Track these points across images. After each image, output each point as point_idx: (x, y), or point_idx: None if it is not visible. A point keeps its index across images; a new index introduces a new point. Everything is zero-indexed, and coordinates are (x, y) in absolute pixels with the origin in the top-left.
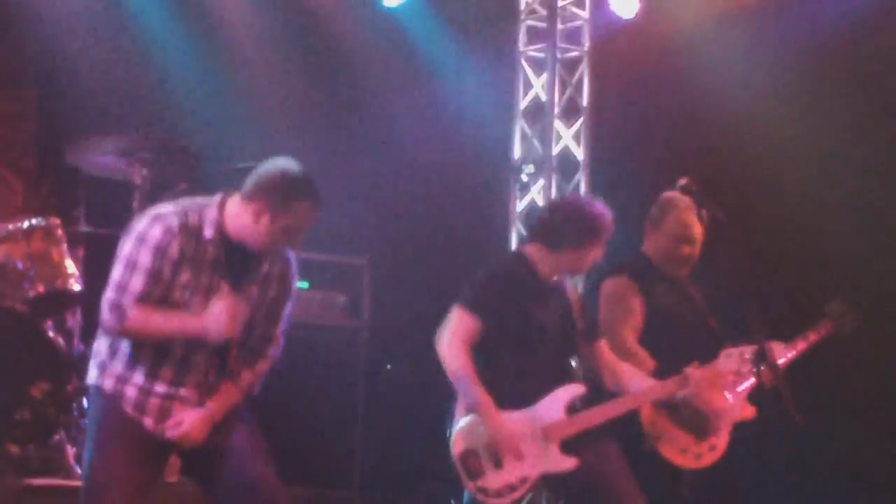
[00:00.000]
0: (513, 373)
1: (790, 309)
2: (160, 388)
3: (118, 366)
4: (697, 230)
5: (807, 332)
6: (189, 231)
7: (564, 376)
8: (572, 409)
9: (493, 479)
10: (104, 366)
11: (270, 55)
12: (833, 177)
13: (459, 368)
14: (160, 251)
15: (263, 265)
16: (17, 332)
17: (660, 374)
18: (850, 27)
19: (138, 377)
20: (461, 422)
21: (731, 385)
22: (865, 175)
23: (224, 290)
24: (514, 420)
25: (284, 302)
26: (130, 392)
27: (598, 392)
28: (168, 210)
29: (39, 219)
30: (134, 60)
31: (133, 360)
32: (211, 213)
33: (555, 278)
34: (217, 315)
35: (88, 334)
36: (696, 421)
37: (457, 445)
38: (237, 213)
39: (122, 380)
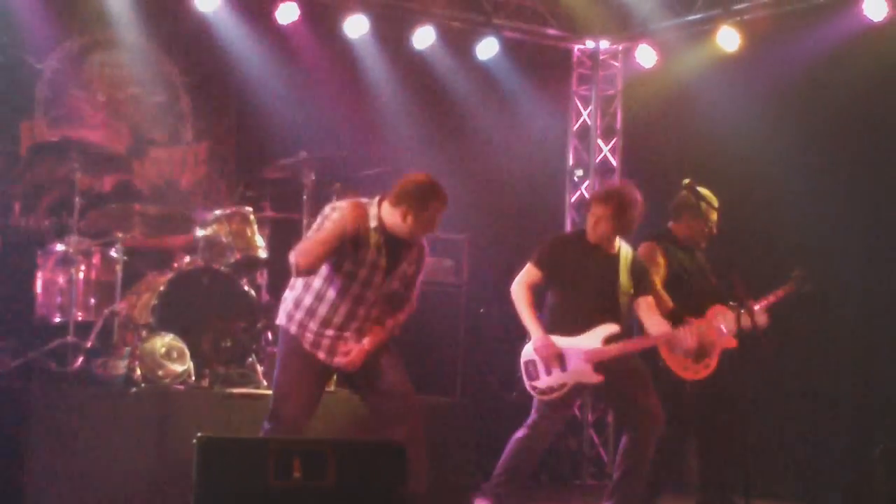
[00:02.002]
0: (566, 311)
1: (761, 274)
2: (330, 332)
3: (301, 315)
4: (716, 218)
5: (776, 290)
6: (358, 218)
7: (606, 317)
8: (608, 340)
9: (542, 381)
10: (291, 315)
11: (398, 92)
12: (797, 180)
13: (520, 303)
14: (340, 228)
15: (412, 249)
16: (222, 286)
17: (675, 313)
18: (811, 70)
19: (314, 325)
20: (529, 344)
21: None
22: (821, 181)
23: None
24: (561, 342)
25: (418, 274)
26: (308, 335)
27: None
28: (345, 202)
29: (238, 207)
30: (303, 97)
31: (310, 314)
32: (373, 210)
33: (607, 246)
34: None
35: (272, 288)
36: (696, 353)
37: (524, 356)
38: (390, 213)
39: (302, 326)
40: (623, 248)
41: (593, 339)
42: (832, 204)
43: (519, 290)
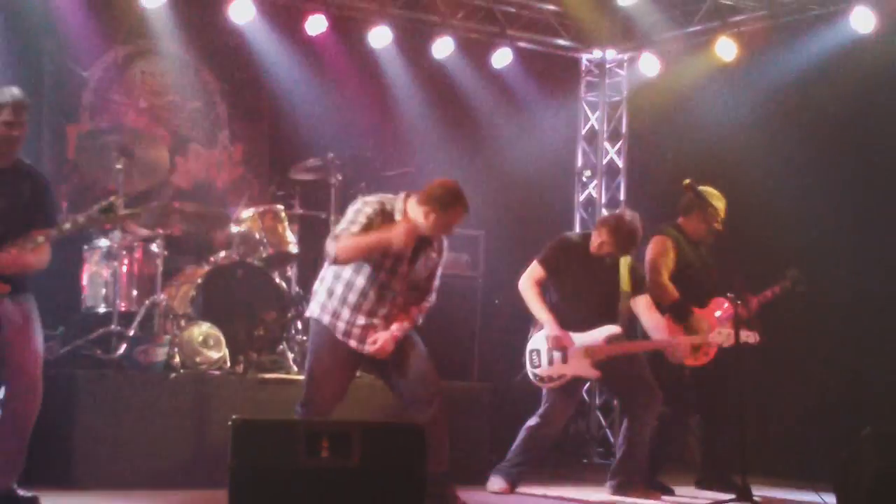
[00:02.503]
0: (570, 310)
1: (754, 268)
2: (360, 320)
3: (333, 304)
4: (723, 215)
5: (773, 286)
6: (385, 213)
7: (607, 318)
8: (610, 340)
9: (543, 370)
10: (324, 305)
11: (419, 99)
12: (789, 181)
13: (530, 298)
14: (369, 219)
15: (433, 242)
16: (256, 278)
17: (680, 303)
18: (803, 78)
19: (346, 313)
20: (535, 331)
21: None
22: (812, 182)
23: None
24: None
25: (438, 267)
26: (340, 325)
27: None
28: (374, 198)
29: (270, 205)
30: (330, 103)
31: (342, 302)
32: (399, 205)
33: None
34: (399, 231)
35: (302, 281)
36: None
37: (530, 345)
38: (415, 210)
39: (335, 315)
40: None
41: (596, 337)
42: (823, 204)
43: (527, 285)
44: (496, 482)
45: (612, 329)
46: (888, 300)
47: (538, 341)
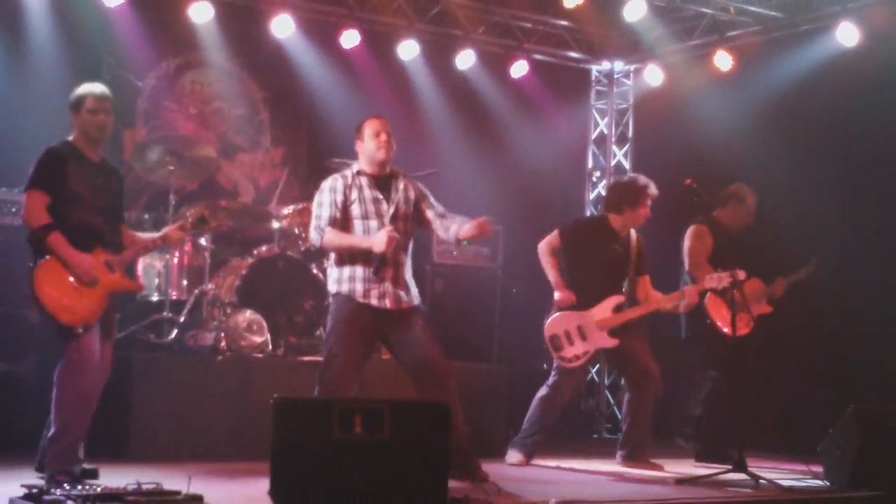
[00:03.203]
0: (583, 285)
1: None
2: (373, 282)
3: (346, 272)
4: (753, 209)
5: (799, 271)
6: (347, 183)
7: (613, 290)
8: (616, 309)
9: (568, 351)
10: (339, 278)
11: (444, 106)
12: (781, 181)
13: (545, 260)
14: (332, 202)
15: (397, 184)
16: (295, 270)
17: None
18: (793, 87)
19: (360, 273)
20: (549, 318)
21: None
22: (802, 182)
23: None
24: (579, 317)
25: (424, 194)
26: (359, 286)
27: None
28: (330, 179)
29: (308, 203)
30: (363, 109)
31: (353, 264)
32: (353, 167)
33: (623, 233)
34: (380, 238)
35: None
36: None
37: (547, 331)
38: (363, 154)
39: (351, 280)
40: (632, 233)
41: (605, 309)
42: (811, 200)
43: (543, 249)
44: (513, 455)
45: (617, 298)
46: (870, 288)
47: (556, 326)
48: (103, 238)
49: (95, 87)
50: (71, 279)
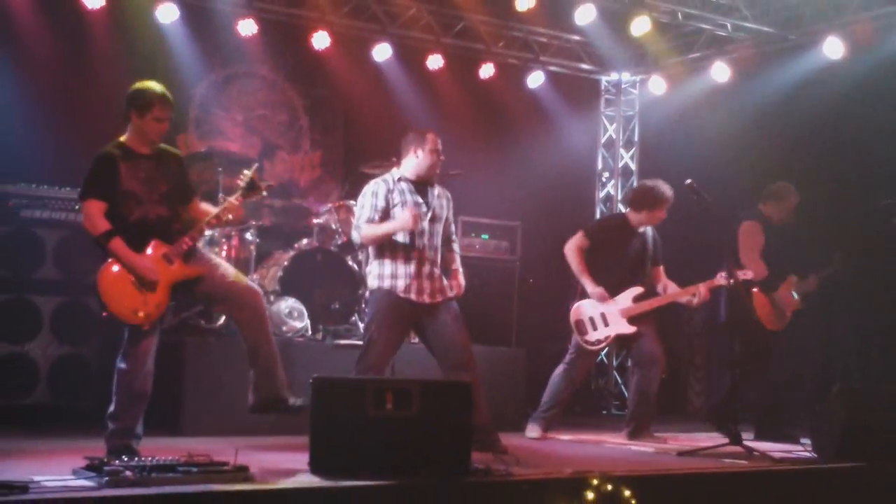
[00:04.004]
0: (607, 277)
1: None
2: (415, 270)
3: (388, 269)
4: (794, 206)
5: (826, 267)
6: (389, 186)
7: (635, 281)
8: (636, 299)
9: (592, 336)
10: (380, 275)
11: (467, 112)
12: (770, 179)
13: (575, 262)
14: (374, 205)
15: (434, 192)
16: (332, 262)
17: (769, 278)
18: (784, 96)
19: (401, 270)
20: (575, 305)
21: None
22: (789, 180)
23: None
24: (604, 306)
25: (450, 213)
26: (400, 282)
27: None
28: (373, 183)
29: (344, 201)
30: (394, 115)
31: (395, 262)
32: (395, 172)
33: (640, 229)
34: (406, 217)
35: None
36: (780, 311)
37: (573, 316)
38: (408, 162)
39: (393, 276)
40: (648, 227)
41: (626, 299)
42: (803, 202)
43: (572, 250)
44: (533, 428)
45: (637, 289)
46: (854, 280)
47: (581, 313)
48: (162, 230)
49: (163, 94)
50: (132, 282)
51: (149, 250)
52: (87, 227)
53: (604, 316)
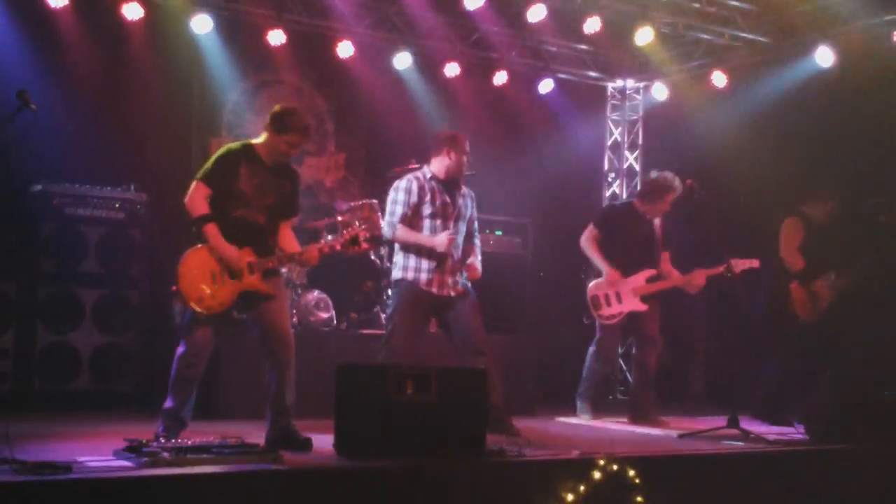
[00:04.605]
0: (620, 259)
1: (741, 251)
2: (434, 273)
3: (413, 262)
4: (834, 204)
5: (859, 261)
6: (420, 184)
7: (647, 263)
8: (649, 280)
9: (606, 310)
10: (405, 266)
11: (482, 117)
12: (769, 182)
13: (590, 251)
14: (406, 202)
15: (461, 192)
16: (356, 257)
17: (806, 270)
18: (778, 101)
19: (425, 265)
20: (590, 284)
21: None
22: (787, 183)
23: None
24: (619, 283)
25: (474, 213)
26: (423, 276)
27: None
28: (405, 180)
29: (367, 200)
30: (413, 120)
31: (420, 256)
32: (426, 170)
33: (648, 216)
34: (441, 239)
35: (391, 259)
36: (815, 303)
37: (590, 292)
38: (438, 162)
39: (417, 269)
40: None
41: (639, 279)
42: (794, 198)
43: (586, 242)
44: (581, 406)
45: (650, 271)
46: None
47: (596, 290)
48: (259, 238)
49: (306, 127)
50: (211, 270)
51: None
52: (187, 206)
53: (618, 294)
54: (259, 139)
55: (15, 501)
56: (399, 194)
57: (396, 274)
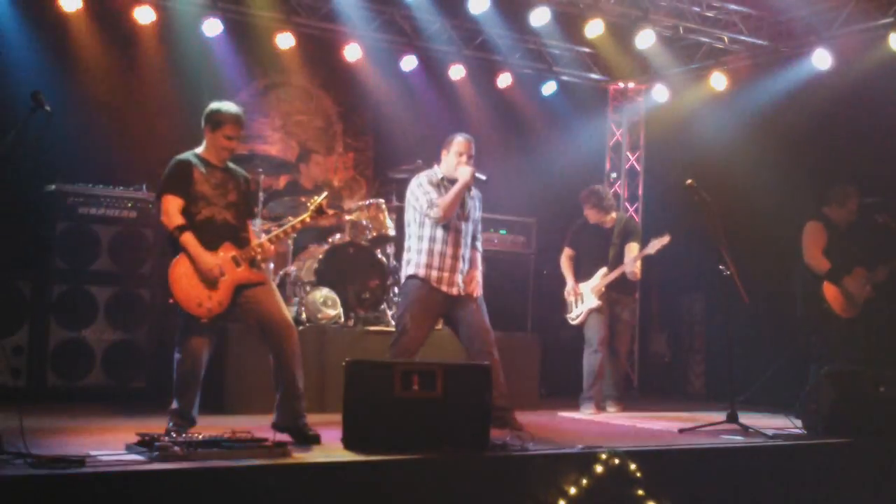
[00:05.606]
0: (581, 266)
1: (741, 250)
2: (445, 271)
3: (425, 259)
4: (854, 207)
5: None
6: (434, 178)
7: (602, 263)
8: (600, 277)
9: (573, 313)
10: (418, 263)
11: (487, 118)
12: (767, 182)
13: (564, 268)
14: (431, 184)
15: (470, 193)
16: (363, 255)
17: (832, 271)
18: (776, 103)
19: (436, 262)
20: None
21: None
22: (785, 183)
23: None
24: (582, 286)
25: (479, 214)
26: (434, 273)
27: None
28: (422, 175)
29: (374, 199)
30: (419, 121)
31: (431, 255)
32: (437, 169)
33: (599, 224)
34: (466, 174)
35: (398, 257)
36: (851, 299)
37: (564, 299)
38: (448, 161)
39: (429, 267)
40: (618, 215)
41: (595, 279)
42: (792, 199)
43: (562, 261)
44: (586, 408)
45: (603, 270)
46: None
47: (566, 296)
48: (233, 234)
49: (236, 115)
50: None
51: (220, 253)
52: (164, 222)
53: (580, 296)
54: (201, 147)
55: (30, 495)
56: (420, 189)
57: (409, 270)
